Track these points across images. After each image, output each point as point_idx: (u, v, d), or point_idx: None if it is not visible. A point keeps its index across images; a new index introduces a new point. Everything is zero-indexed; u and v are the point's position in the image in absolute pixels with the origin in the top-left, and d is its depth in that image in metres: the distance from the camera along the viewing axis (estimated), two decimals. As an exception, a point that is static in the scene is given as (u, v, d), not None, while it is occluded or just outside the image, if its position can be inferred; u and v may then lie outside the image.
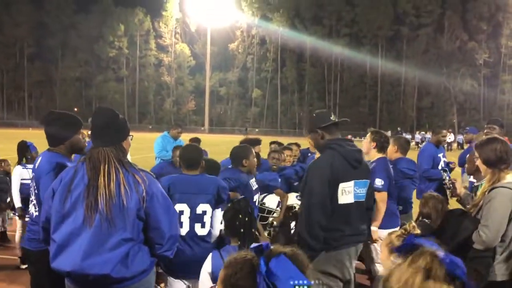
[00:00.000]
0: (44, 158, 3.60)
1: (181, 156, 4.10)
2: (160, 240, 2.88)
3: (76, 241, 2.71)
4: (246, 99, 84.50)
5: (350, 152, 3.69)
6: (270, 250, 1.50)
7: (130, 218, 2.75)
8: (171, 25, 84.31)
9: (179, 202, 3.79)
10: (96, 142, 2.90)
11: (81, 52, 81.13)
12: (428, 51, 75.67)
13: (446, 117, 73.81)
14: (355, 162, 3.69)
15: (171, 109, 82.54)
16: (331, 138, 3.77)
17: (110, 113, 2.98)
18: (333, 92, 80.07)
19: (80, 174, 2.81)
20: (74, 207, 2.75)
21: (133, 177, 2.80)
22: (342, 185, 3.60)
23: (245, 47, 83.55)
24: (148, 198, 2.80)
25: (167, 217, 2.89)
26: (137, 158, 15.77)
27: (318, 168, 3.63)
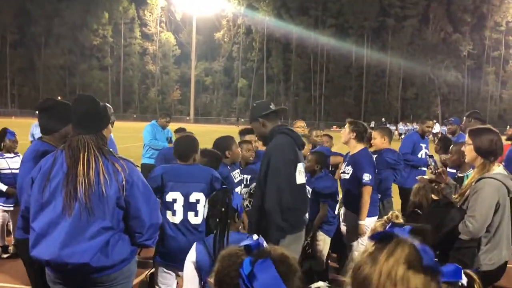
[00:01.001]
0: (31, 147, 3.56)
1: (176, 146, 4.15)
2: (140, 229, 2.86)
3: (55, 230, 2.69)
4: (232, 88, 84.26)
5: (297, 136, 3.99)
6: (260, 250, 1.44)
7: (109, 207, 2.73)
8: (156, 14, 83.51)
9: (172, 190, 3.82)
10: (76, 129, 2.86)
11: (64, 40, 79.95)
12: (413, 43, 76.22)
13: (430, 108, 74.52)
14: (300, 146, 4.00)
15: (156, 98, 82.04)
16: (275, 125, 3.97)
17: (91, 100, 2.94)
18: (319, 82, 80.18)
19: (59, 162, 2.78)
20: (53, 195, 2.72)
21: (113, 165, 2.78)
22: (299, 165, 3.85)
23: (231, 37, 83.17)
24: (128, 187, 2.78)
25: (148, 206, 2.86)
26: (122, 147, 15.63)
27: (281, 150, 3.78)
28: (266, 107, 4.00)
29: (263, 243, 1.49)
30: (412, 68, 71.89)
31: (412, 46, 76.15)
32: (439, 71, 72.97)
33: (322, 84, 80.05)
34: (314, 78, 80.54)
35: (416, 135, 7.62)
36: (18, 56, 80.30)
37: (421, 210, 3.84)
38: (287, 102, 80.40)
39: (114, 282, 2.83)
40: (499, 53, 74.80)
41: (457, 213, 3.42)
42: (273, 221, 3.63)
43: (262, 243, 1.49)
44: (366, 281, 1.14)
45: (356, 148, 5.24)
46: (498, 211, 3.40)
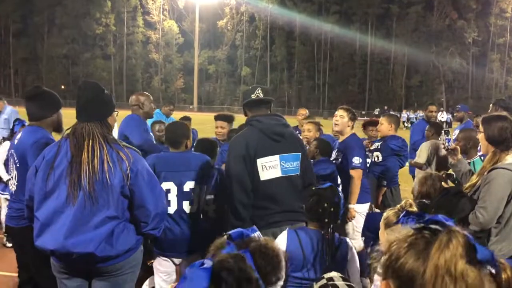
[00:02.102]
0: (25, 132, 3.56)
1: (166, 134, 4.07)
2: (145, 218, 2.83)
3: (59, 219, 2.66)
4: (235, 77, 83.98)
5: (269, 126, 3.65)
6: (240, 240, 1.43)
7: (114, 196, 2.70)
8: (159, 2, 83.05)
9: (165, 180, 3.73)
10: (81, 117, 2.82)
11: (67, 29, 79.65)
12: (418, 30, 75.51)
13: (435, 96, 74.02)
14: (275, 136, 3.65)
15: (160, 87, 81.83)
16: (253, 115, 3.75)
17: (95, 87, 2.90)
18: (323, 70, 79.77)
19: (64, 150, 2.75)
20: (57, 184, 2.69)
21: (117, 154, 2.74)
22: (260, 160, 3.57)
23: (234, 25, 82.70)
24: (133, 176, 2.74)
25: (153, 194, 2.83)
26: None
27: (232, 146, 3.67)
28: (248, 95, 3.77)
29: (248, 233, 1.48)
30: (416, 55, 71.35)
31: (416, 33, 75.48)
32: (443, 58, 72.43)
33: (326, 72, 79.63)
34: (317, 66, 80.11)
35: (423, 122, 7.62)
36: (21, 45, 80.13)
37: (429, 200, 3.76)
38: (290, 91, 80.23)
39: (119, 272, 2.81)
40: (504, 40, 74.05)
41: (468, 203, 3.35)
42: (229, 220, 3.57)
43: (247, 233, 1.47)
44: (415, 276, 1.05)
45: (347, 133, 5.23)
46: (510, 202, 3.33)
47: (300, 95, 79.26)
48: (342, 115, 5.25)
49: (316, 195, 3.03)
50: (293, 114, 59.72)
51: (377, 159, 6.02)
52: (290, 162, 3.70)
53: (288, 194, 3.66)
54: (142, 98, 5.34)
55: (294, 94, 79.56)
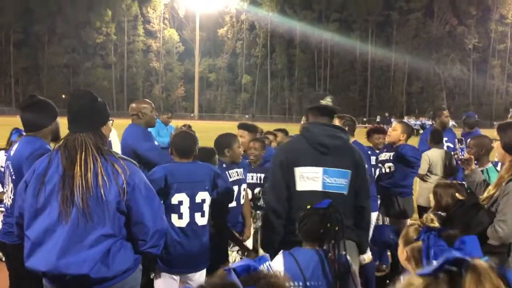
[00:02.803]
0: (22, 143, 3.39)
1: (175, 143, 3.87)
2: (144, 236, 2.63)
3: (51, 238, 2.46)
4: (236, 85, 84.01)
5: (315, 136, 3.40)
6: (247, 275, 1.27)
7: (110, 212, 2.50)
8: (159, 11, 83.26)
9: (178, 191, 3.59)
10: (73, 127, 2.63)
11: (68, 38, 79.88)
12: (418, 36, 75.69)
13: (436, 102, 73.89)
14: (320, 147, 3.38)
15: (160, 96, 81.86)
16: (310, 122, 3.54)
17: (88, 96, 2.71)
18: (323, 77, 79.84)
19: (55, 163, 2.55)
20: (48, 200, 2.49)
21: (112, 167, 2.55)
22: (299, 169, 3.35)
23: (234, 33, 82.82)
24: (129, 190, 2.55)
25: (151, 210, 2.63)
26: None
27: (276, 152, 3.65)
28: (315, 101, 3.52)
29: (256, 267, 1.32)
30: (417, 62, 71.40)
31: (416, 40, 75.61)
32: (444, 65, 72.53)
33: (327, 79, 79.67)
34: (318, 74, 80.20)
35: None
36: (22, 55, 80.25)
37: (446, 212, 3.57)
38: (291, 98, 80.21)
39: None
40: (505, 46, 74.11)
41: (485, 216, 3.14)
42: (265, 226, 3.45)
43: (254, 267, 1.31)
44: None
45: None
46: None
47: (301, 103, 79.15)
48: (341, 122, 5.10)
49: (316, 215, 2.76)
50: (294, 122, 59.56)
51: (389, 170, 5.74)
52: (335, 178, 3.38)
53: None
54: (141, 106, 4.94)
55: (295, 102, 79.54)
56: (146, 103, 5.05)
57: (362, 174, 3.50)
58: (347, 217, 3.29)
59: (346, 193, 3.41)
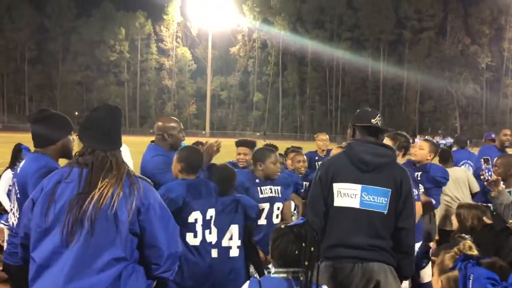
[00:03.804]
0: (28, 159, 3.23)
1: (185, 158, 3.70)
2: (158, 259, 2.45)
3: (58, 261, 2.29)
4: (247, 102, 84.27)
5: (357, 153, 3.34)
6: None
7: (122, 234, 2.34)
8: (172, 29, 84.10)
9: (194, 209, 3.49)
10: (102, 144, 2.48)
11: (82, 56, 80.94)
12: (430, 55, 75.58)
13: (449, 121, 73.70)
14: (361, 164, 3.31)
15: (172, 113, 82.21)
16: (357, 139, 3.48)
17: (119, 112, 2.62)
18: (335, 96, 79.83)
19: (69, 180, 2.39)
20: (57, 219, 2.32)
21: (131, 185, 2.40)
22: (337, 185, 3.31)
23: (246, 51, 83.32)
24: (144, 210, 2.39)
25: (166, 232, 2.47)
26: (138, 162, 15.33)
27: (318, 167, 3.56)
28: (365, 119, 3.46)
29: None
30: (429, 81, 71.18)
31: (429, 58, 75.50)
32: (457, 83, 72.20)
33: (338, 98, 79.66)
34: (330, 92, 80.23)
35: (492, 148, 6.95)
36: (36, 72, 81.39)
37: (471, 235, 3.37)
38: (303, 116, 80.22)
39: None
40: (519, 65, 73.75)
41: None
42: None
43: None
44: None
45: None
46: None
47: (313, 121, 79.21)
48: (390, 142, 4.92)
49: (291, 233, 2.49)
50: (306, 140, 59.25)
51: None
52: (375, 196, 3.28)
53: (361, 229, 3.26)
54: (168, 126, 4.38)
55: (307, 120, 79.51)
56: (174, 122, 4.49)
57: (405, 194, 3.34)
58: (384, 238, 3.24)
59: (385, 212, 3.29)
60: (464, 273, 1.84)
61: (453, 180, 5.88)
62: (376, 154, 3.34)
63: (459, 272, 1.88)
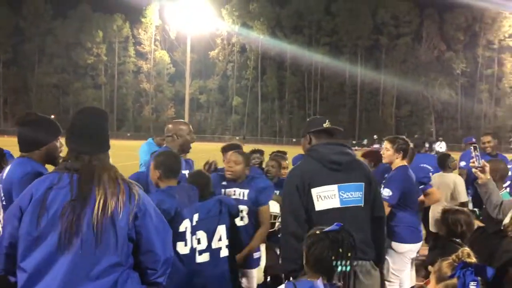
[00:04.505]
0: (14, 165, 3.11)
1: (163, 164, 3.60)
2: (154, 264, 2.44)
3: (52, 269, 2.23)
4: (226, 107, 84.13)
5: (325, 155, 3.44)
6: None
7: (119, 239, 2.31)
8: (151, 32, 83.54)
9: (184, 218, 3.44)
10: (89, 148, 2.44)
11: (58, 58, 79.88)
12: (407, 61, 76.59)
13: (424, 126, 74.71)
14: (332, 165, 3.41)
15: (150, 117, 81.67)
16: (314, 143, 3.57)
17: (105, 115, 2.58)
18: (313, 100, 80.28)
19: (59, 186, 2.33)
20: (51, 226, 2.26)
21: (127, 190, 2.37)
22: (314, 190, 3.35)
23: (225, 55, 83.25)
24: (141, 215, 2.37)
25: (161, 237, 2.46)
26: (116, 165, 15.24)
27: (289, 176, 3.55)
28: (318, 124, 3.62)
29: None
30: (405, 86, 72.01)
31: (405, 64, 76.52)
32: (432, 89, 73.23)
33: (317, 102, 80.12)
34: (308, 96, 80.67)
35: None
36: (11, 75, 79.94)
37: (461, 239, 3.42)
38: (281, 120, 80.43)
39: None
40: (492, 71, 75.14)
41: None
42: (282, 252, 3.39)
43: None
44: None
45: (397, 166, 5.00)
46: None
47: (292, 125, 79.50)
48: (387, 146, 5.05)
49: (326, 239, 2.52)
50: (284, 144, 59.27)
51: None
52: (351, 192, 3.44)
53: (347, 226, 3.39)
54: (178, 128, 4.44)
55: (285, 124, 79.75)
56: (184, 124, 4.55)
57: (374, 185, 3.57)
58: (365, 231, 3.42)
59: (362, 205, 3.46)
60: (463, 281, 1.86)
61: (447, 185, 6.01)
62: (342, 153, 3.49)
63: (457, 280, 1.90)
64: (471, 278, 1.84)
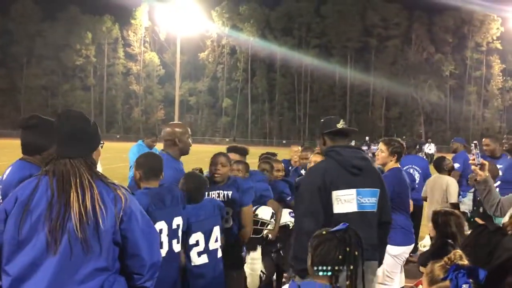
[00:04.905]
0: (14, 167, 3.08)
1: (143, 165, 3.58)
2: (141, 269, 2.39)
3: (37, 273, 2.19)
4: (216, 108, 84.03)
5: (347, 159, 3.47)
6: None
7: (105, 243, 2.27)
8: (140, 34, 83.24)
9: (158, 219, 3.36)
10: (62, 152, 2.39)
11: (47, 60, 79.22)
12: (396, 63, 77.06)
13: (414, 127, 75.20)
14: (353, 169, 3.47)
15: (140, 118, 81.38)
16: (333, 145, 3.59)
17: (80, 117, 2.48)
18: (303, 102, 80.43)
19: (42, 189, 2.30)
20: (34, 230, 2.22)
21: (108, 193, 2.33)
22: (335, 193, 3.39)
23: (215, 57, 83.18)
24: (126, 219, 2.33)
25: (148, 241, 2.41)
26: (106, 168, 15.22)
27: (308, 176, 3.56)
28: (332, 124, 3.67)
29: None
30: (395, 87, 72.53)
31: (395, 66, 76.97)
32: (422, 90, 73.76)
33: (307, 104, 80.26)
34: (298, 98, 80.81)
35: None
36: (0, 76, 79.29)
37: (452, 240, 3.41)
38: (271, 122, 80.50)
39: None
40: (481, 73, 75.91)
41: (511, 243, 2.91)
42: (293, 251, 3.32)
43: None
44: None
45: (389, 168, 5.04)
46: None
47: (281, 127, 79.63)
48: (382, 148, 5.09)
49: (334, 239, 2.49)
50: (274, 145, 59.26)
51: None
52: (368, 197, 3.50)
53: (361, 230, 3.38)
54: (178, 132, 4.31)
55: (275, 126, 79.83)
56: (183, 127, 4.45)
57: (385, 191, 3.67)
58: (375, 234, 3.53)
59: (376, 210, 3.56)
60: (456, 283, 1.84)
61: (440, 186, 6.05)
62: (361, 158, 3.57)
63: (450, 282, 1.88)
64: (464, 280, 1.82)
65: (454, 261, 2.00)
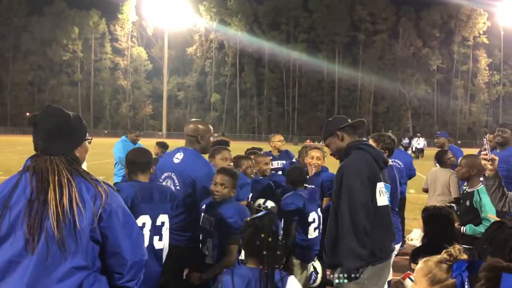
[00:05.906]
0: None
1: (134, 158, 3.59)
2: (121, 268, 2.33)
3: (15, 271, 2.17)
4: (205, 103, 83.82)
5: (379, 153, 3.55)
6: None
7: (83, 241, 2.22)
8: (127, 28, 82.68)
9: (142, 213, 3.38)
10: (42, 149, 2.34)
11: (33, 55, 78.45)
12: (384, 57, 77.43)
13: (401, 122, 75.61)
14: (383, 164, 3.53)
15: (128, 114, 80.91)
16: (353, 139, 3.55)
17: (60, 114, 2.41)
18: (292, 96, 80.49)
19: (21, 187, 2.26)
20: (13, 228, 2.19)
21: (87, 190, 2.28)
22: (379, 184, 3.38)
23: (203, 51, 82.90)
24: (105, 216, 2.27)
25: (129, 239, 2.35)
26: (93, 164, 15.14)
27: (355, 167, 3.33)
28: (344, 120, 3.62)
29: None
30: (383, 82, 72.88)
31: (382, 60, 77.32)
32: (409, 85, 74.17)
33: (295, 99, 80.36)
34: (286, 93, 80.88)
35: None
36: (-15, 72, 78.43)
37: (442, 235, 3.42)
38: (260, 117, 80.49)
39: None
40: (467, 67, 76.51)
41: None
42: (347, 247, 3.15)
43: None
44: None
45: None
46: None
47: (270, 121, 79.66)
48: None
49: (253, 226, 2.68)
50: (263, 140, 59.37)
51: None
52: (387, 192, 3.59)
53: (392, 222, 3.53)
54: (201, 129, 4.27)
55: (264, 120, 79.85)
56: (205, 125, 4.40)
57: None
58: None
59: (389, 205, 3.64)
60: (461, 280, 1.81)
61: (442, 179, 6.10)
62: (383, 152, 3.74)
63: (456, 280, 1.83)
64: (466, 274, 1.80)
65: (456, 257, 1.90)
